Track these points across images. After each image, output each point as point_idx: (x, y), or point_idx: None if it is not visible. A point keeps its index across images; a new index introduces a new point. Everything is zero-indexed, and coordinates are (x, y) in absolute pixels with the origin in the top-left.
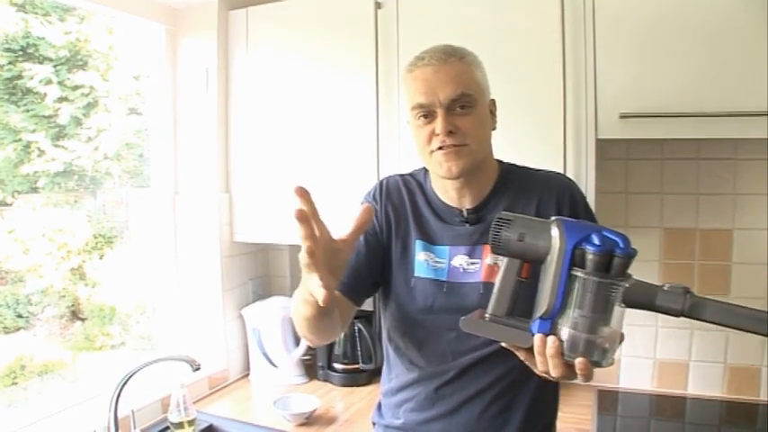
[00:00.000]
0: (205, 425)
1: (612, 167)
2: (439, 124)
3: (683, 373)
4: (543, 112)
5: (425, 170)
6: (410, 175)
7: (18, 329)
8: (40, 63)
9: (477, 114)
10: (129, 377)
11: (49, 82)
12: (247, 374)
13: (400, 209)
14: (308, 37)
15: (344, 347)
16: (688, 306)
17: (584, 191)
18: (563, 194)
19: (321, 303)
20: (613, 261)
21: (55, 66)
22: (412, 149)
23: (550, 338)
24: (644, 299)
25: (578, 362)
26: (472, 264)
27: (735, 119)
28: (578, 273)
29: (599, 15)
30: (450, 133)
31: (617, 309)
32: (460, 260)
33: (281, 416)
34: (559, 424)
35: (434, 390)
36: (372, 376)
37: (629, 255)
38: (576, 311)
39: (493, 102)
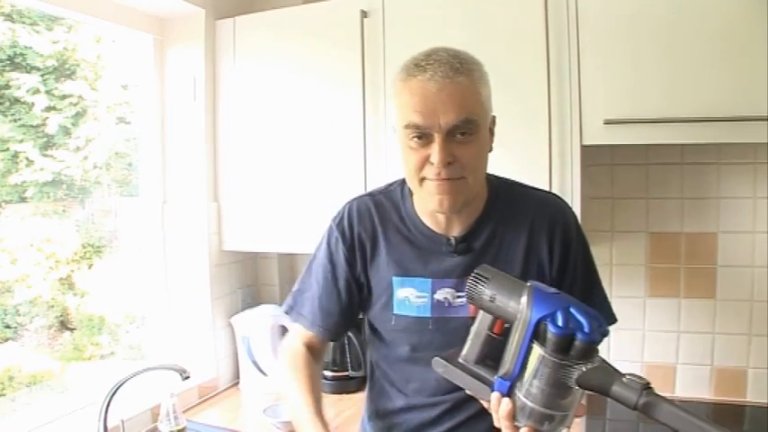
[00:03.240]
0: None
1: (598, 173)
2: (435, 153)
3: (671, 375)
4: (528, 120)
5: (402, 185)
6: (383, 193)
7: (6, 340)
8: (28, 72)
9: (479, 141)
10: (119, 387)
11: (37, 91)
12: (237, 383)
13: (372, 239)
14: (295, 46)
15: (334, 355)
16: (642, 403)
17: (569, 197)
18: (555, 223)
19: None
20: (574, 344)
21: (42, 75)
22: (399, 163)
23: (504, 401)
24: (599, 385)
25: (522, 431)
26: (458, 297)
27: (719, 123)
28: (537, 347)
29: (582, 22)
30: (447, 164)
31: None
32: (445, 293)
33: (272, 424)
34: None
35: (424, 419)
36: (362, 383)
37: (592, 341)
38: (533, 381)
39: (493, 120)
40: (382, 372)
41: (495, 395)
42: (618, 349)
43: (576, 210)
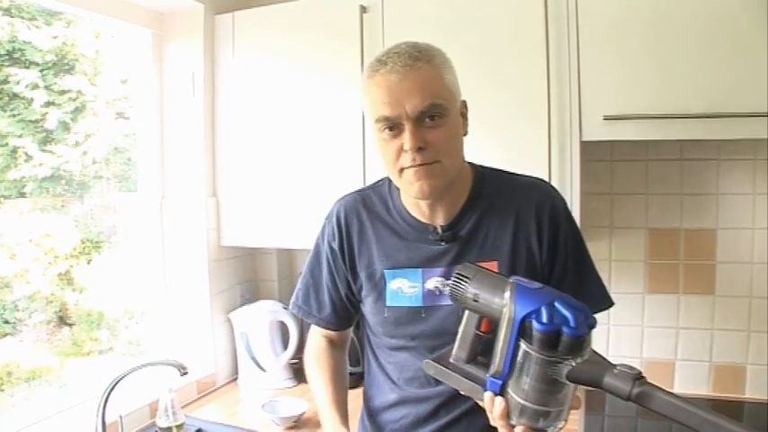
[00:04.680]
0: (194, 429)
1: (597, 169)
2: (407, 140)
3: (670, 371)
4: (528, 115)
5: (390, 180)
6: (371, 188)
7: (5, 336)
8: (27, 68)
9: (449, 125)
10: (117, 382)
11: (36, 86)
12: (235, 378)
13: (362, 235)
14: (294, 41)
15: None
16: (635, 393)
17: (569, 193)
18: (542, 207)
19: None
20: (561, 339)
21: (41, 70)
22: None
23: (497, 400)
24: (590, 379)
25: (517, 430)
26: (448, 285)
27: (718, 120)
28: (524, 345)
29: (582, 18)
30: (419, 149)
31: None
32: (435, 282)
33: (270, 419)
34: None
35: (420, 415)
36: (360, 379)
37: (578, 335)
38: (524, 378)
39: (464, 104)
40: (377, 364)
41: (487, 395)
42: (617, 345)
43: (576, 206)
